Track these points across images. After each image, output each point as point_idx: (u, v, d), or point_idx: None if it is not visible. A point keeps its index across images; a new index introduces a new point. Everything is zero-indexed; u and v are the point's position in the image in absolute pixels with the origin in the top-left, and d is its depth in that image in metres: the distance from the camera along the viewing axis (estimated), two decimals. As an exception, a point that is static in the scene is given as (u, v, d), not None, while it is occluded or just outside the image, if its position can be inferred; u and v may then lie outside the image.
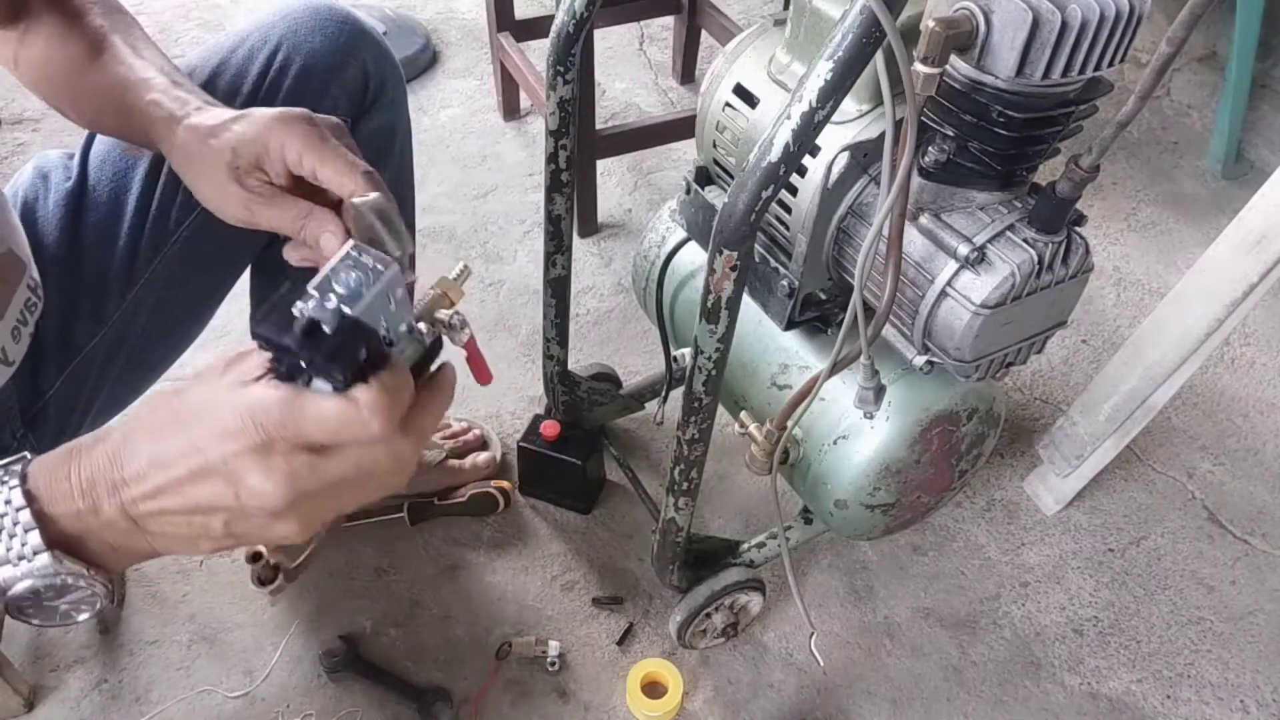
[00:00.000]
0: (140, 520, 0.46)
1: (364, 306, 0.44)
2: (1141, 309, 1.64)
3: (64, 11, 0.76)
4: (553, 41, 0.91)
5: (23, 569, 0.44)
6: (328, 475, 0.45)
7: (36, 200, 0.84)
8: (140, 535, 0.46)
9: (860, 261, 0.69)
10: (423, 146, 1.73)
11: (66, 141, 1.89)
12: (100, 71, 0.73)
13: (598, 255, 1.70)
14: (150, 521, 0.46)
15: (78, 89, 0.76)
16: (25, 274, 0.75)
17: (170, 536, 0.46)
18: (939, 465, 0.96)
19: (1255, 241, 1.01)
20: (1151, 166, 1.97)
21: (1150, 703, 1.14)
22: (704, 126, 0.93)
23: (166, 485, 0.44)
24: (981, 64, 0.65)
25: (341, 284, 0.44)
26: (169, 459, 0.44)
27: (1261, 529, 1.33)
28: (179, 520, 0.45)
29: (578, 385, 1.26)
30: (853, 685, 1.14)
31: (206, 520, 0.45)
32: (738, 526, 1.29)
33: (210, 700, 1.09)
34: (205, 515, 0.45)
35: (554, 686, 1.12)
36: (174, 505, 0.45)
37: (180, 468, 0.44)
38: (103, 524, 0.46)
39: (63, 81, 0.77)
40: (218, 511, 0.45)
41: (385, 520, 1.26)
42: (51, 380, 0.84)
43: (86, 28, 0.75)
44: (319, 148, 0.61)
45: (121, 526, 0.46)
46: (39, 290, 0.78)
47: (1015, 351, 0.83)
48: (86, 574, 0.46)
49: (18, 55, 0.77)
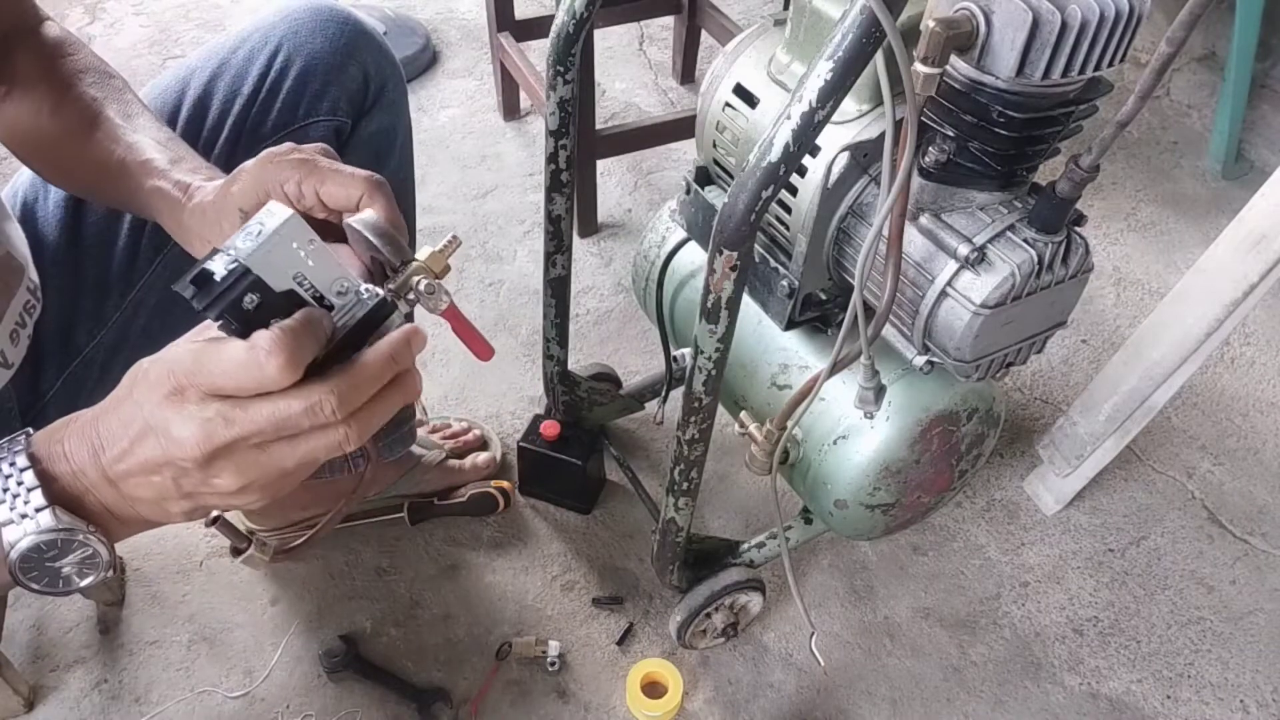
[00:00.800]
0: (117, 483, 0.48)
1: (251, 254, 0.44)
2: (1141, 309, 1.64)
3: (53, 82, 0.74)
4: (553, 41, 0.91)
5: (27, 526, 0.47)
6: (243, 425, 0.45)
7: (36, 201, 0.84)
8: (123, 499, 0.49)
9: (860, 261, 0.69)
10: (423, 146, 1.73)
11: (66, 142, 1.89)
12: (95, 148, 0.71)
13: (598, 255, 1.70)
14: (123, 485, 0.48)
15: (71, 161, 0.74)
16: (24, 277, 0.75)
17: (142, 499, 0.49)
18: (939, 465, 0.96)
19: (1255, 241, 1.01)
20: (1151, 166, 1.97)
21: (1150, 703, 1.14)
22: (704, 126, 0.93)
23: (126, 448, 0.47)
24: (981, 64, 0.65)
25: (243, 238, 0.44)
26: (126, 421, 0.47)
27: (1261, 529, 1.33)
28: (141, 481, 0.48)
29: (578, 385, 1.26)
30: (853, 685, 1.14)
31: (161, 480, 0.47)
32: (738, 526, 1.29)
33: (210, 700, 1.09)
34: (157, 474, 0.47)
35: (554, 686, 1.12)
36: (133, 466, 0.47)
37: (132, 428, 0.47)
38: (93, 484, 0.49)
39: (52, 152, 0.75)
40: (162, 468, 0.47)
41: (385, 520, 1.26)
42: (51, 381, 0.84)
43: (79, 99, 0.73)
44: (315, 171, 0.60)
45: (106, 489, 0.49)
46: (38, 292, 0.78)
47: (1015, 351, 0.83)
48: (85, 528, 0.48)
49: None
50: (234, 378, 0.44)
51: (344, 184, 0.59)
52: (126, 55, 2.19)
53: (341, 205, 0.60)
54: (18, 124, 0.75)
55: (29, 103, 0.74)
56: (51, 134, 0.73)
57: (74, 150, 0.72)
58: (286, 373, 0.44)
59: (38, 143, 0.75)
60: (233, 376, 0.44)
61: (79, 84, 0.74)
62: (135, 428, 0.47)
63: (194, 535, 1.23)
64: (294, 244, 0.45)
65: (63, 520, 0.48)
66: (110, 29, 2.28)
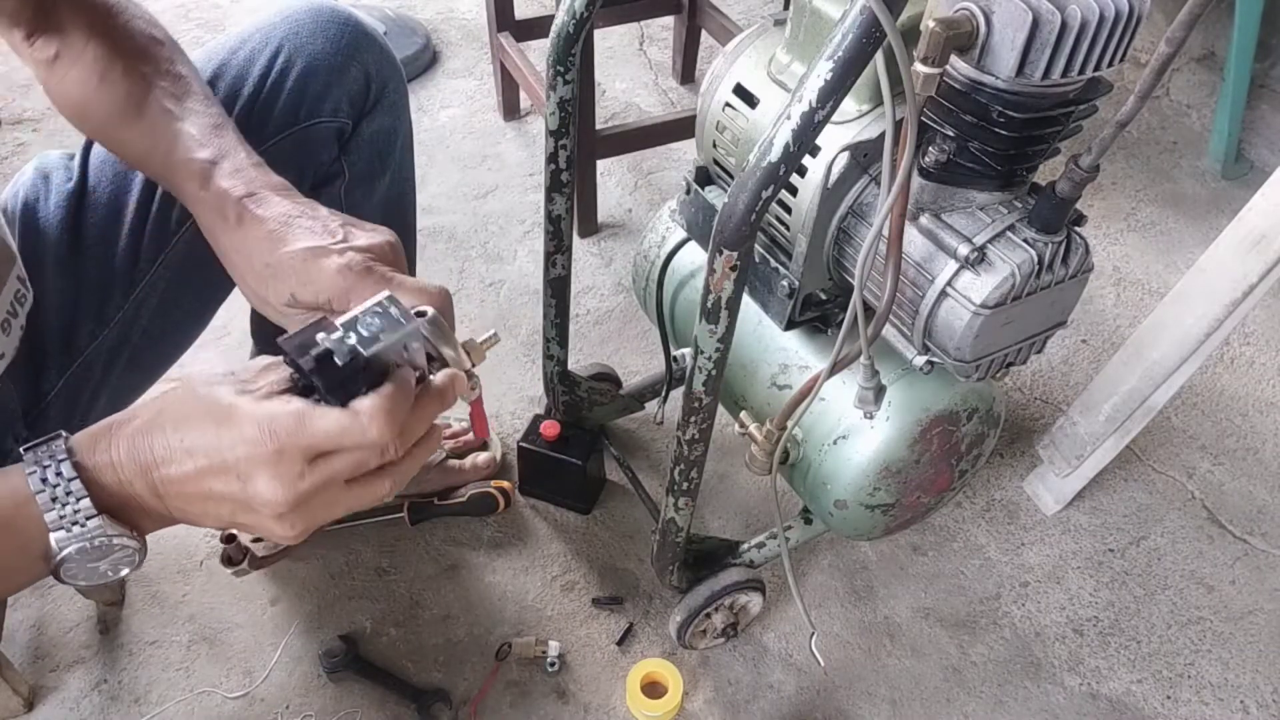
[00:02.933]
0: (164, 496, 0.52)
1: (377, 350, 0.50)
2: (1141, 309, 1.64)
3: (101, 49, 0.72)
4: (553, 41, 0.91)
5: (75, 533, 0.50)
6: (325, 474, 0.50)
7: (37, 201, 0.83)
8: (163, 506, 0.53)
9: (860, 261, 0.69)
10: (423, 146, 1.74)
11: (67, 142, 1.89)
12: (142, 133, 0.71)
13: (598, 255, 1.70)
14: (170, 499, 0.52)
15: (117, 144, 0.75)
16: (15, 266, 0.75)
17: (185, 512, 0.53)
18: (939, 465, 0.96)
19: (1255, 241, 1.01)
20: (1151, 166, 1.97)
21: (1150, 703, 1.14)
22: (704, 126, 0.93)
23: (189, 473, 0.51)
24: (981, 64, 0.65)
25: (365, 326, 0.50)
26: (194, 450, 0.50)
27: (1261, 529, 1.33)
28: (195, 501, 0.52)
29: (578, 385, 1.26)
30: (853, 685, 1.14)
31: (217, 507, 0.52)
32: (738, 526, 1.29)
33: (210, 701, 1.09)
34: (216, 503, 0.51)
35: (554, 687, 1.12)
36: (192, 490, 0.51)
37: (202, 460, 0.50)
38: (136, 494, 0.52)
39: (100, 131, 0.76)
40: (226, 502, 0.51)
41: (385, 520, 1.26)
42: (53, 382, 0.84)
43: (126, 75, 0.72)
44: (390, 286, 0.60)
45: (149, 498, 0.52)
46: (27, 282, 0.77)
47: (1015, 351, 0.83)
48: (129, 535, 0.52)
49: (48, 81, 0.75)
50: (337, 441, 0.49)
51: (414, 297, 0.60)
52: (126, 55, 2.19)
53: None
54: (68, 96, 0.74)
55: (77, 72, 0.73)
56: (99, 111, 0.73)
57: (121, 133, 0.73)
58: (386, 435, 0.50)
59: (86, 117, 0.75)
60: (336, 440, 0.49)
61: (126, 55, 0.73)
62: (210, 461, 0.50)
63: (194, 535, 1.23)
64: (408, 346, 0.52)
65: (111, 529, 0.51)
66: (110, 29, 2.28)
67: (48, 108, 2.02)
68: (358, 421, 0.49)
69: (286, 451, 0.49)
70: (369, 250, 0.63)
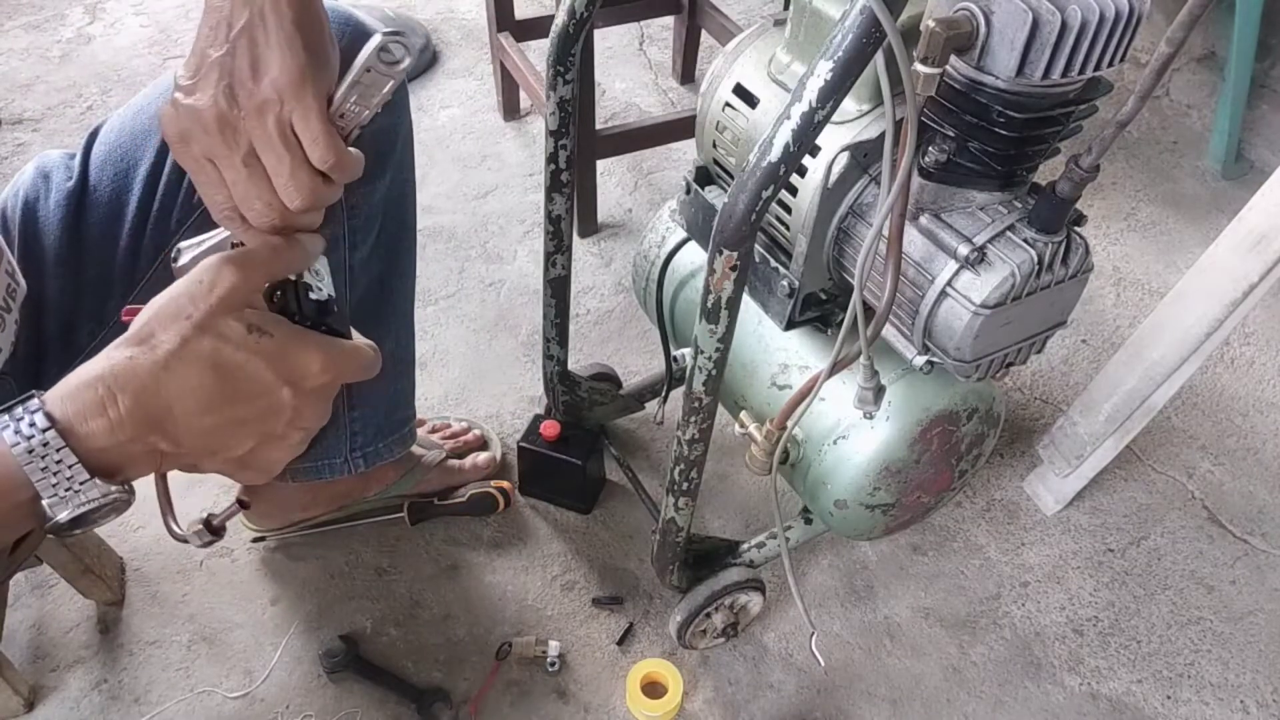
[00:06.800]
0: (180, 441, 0.51)
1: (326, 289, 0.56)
2: (1141, 309, 1.64)
3: None
4: (553, 41, 0.91)
5: (73, 501, 0.49)
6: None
7: (38, 200, 0.83)
8: (155, 454, 0.52)
9: (860, 261, 0.69)
10: (423, 146, 1.74)
11: (67, 141, 1.89)
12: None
13: (598, 255, 1.70)
14: (188, 440, 0.51)
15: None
16: (3, 258, 0.75)
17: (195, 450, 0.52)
18: (939, 465, 0.96)
19: (1255, 241, 1.01)
20: (1151, 166, 1.97)
21: (1150, 703, 1.14)
22: (704, 126, 0.93)
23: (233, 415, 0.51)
24: (981, 64, 0.65)
25: (312, 276, 0.56)
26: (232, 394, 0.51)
27: (1261, 529, 1.33)
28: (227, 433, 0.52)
29: (578, 385, 1.26)
30: (853, 685, 1.14)
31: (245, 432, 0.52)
32: (738, 526, 1.29)
33: (210, 701, 1.09)
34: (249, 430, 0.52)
35: (554, 687, 1.12)
36: (228, 421, 0.51)
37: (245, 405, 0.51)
38: (131, 443, 0.50)
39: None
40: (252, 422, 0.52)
41: (385, 520, 1.26)
42: (54, 381, 0.84)
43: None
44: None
45: (138, 447, 0.51)
46: (17, 275, 0.77)
47: (1015, 351, 0.83)
48: (122, 490, 0.50)
49: None
50: (359, 375, 0.54)
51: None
52: (126, 55, 2.19)
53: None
54: None
55: None
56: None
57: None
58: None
59: None
60: (359, 375, 0.54)
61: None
62: (256, 404, 0.50)
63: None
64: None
65: (108, 490, 0.49)
66: (110, 29, 2.29)
67: (48, 108, 2.02)
68: (376, 358, 0.55)
69: (332, 384, 0.53)
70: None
